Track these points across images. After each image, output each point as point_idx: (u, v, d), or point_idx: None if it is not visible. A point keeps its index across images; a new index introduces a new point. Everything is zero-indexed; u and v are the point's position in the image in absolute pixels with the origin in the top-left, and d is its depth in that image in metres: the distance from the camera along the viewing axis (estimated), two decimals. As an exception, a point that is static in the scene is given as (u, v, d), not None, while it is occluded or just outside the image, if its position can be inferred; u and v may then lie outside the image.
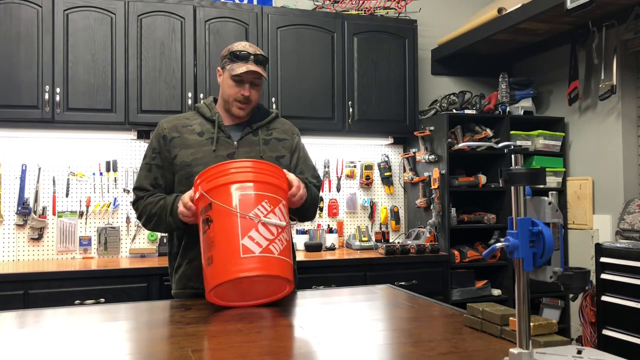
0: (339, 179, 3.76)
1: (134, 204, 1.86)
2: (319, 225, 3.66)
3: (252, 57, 1.80)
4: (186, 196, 1.63)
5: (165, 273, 2.07)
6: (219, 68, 1.90)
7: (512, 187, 1.00)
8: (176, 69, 3.12)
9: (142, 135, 3.28)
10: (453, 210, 3.47)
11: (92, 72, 3.00)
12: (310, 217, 1.94)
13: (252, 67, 1.79)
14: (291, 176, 1.68)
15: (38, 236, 3.15)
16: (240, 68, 1.79)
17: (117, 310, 1.62)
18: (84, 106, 2.98)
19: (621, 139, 3.29)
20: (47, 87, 2.92)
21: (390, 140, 3.78)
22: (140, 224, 3.24)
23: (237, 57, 1.81)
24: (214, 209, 1.50)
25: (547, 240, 0.97)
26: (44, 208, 3.18)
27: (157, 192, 1.83)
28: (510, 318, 1.21)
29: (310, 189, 1.84)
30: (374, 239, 3.65)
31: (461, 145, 2.38)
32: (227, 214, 1.48)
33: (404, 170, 3.86)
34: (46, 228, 3.19)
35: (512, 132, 3.57)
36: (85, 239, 3.23)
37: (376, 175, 3.85)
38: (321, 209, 3.68)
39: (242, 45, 1.84)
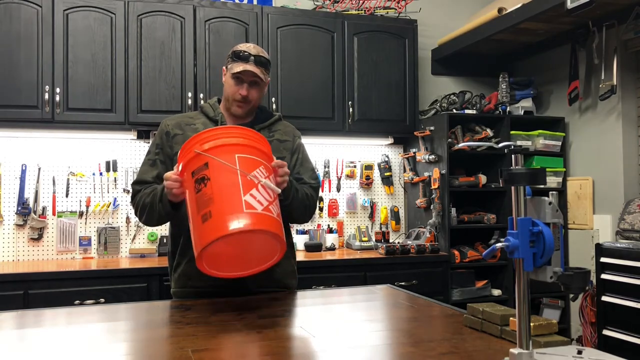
0: (339, 179, 3.76)
1: (133, 198, 1.83)
2: (319, 225, 3.66)
3: (252, 57, 1.81)
4: (170, 172, 1.59)
5: (165, 273, 2.07)
6: (223, 67, 1.91)
7: (512, 187, 1.00)
8: (176, 69, 3.12)
9: (142, 135, 3.28)
10: (453, 210, 3.47)
11: (92, 72, 3.00)
12: (299, 217, 1.87)
13: (249, 67, 1.80)
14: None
15: (38, 236, 3.15)
16: (239, 67, 1.80)
17: (116, 310, 1.62)
18: (84, 106, 2.98)
19: (621, 139, 3.28)
20: (47, 87, 2.92)
21: (391, 140, 3.78)
22: (139, 223, 3.27)
23: (238, 57, 1.82)
24: (212, 167, 1.44)
25: (547, 240, 0.97)
26: (43, 208, 3.18)
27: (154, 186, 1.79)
28: (511, 318, 1.21)
29: (300, 188, 1.81)
30: (374, 239, 3.65)
31: (461, 145, 2.39)
32: (227, 171, 1.44)
33: (404, 170, 3.86)
34: (46, 228, 3.19)
35: (512, 132, 3.57)
36: (85, 239, 3.23)
37: (376, 175, 3.84)
38: (321, 209, 3.68)
39: (245, 46, 1.85)
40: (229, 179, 1.43)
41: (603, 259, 2.83)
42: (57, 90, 2.93)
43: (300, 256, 3.22)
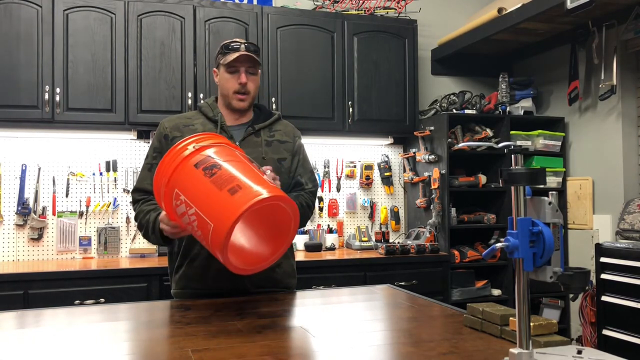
0: (339, 179, 3.76)
1: (133, 205, 1.84)
2: (319, 225, 3.66)
3: (243, 46, 1.82)
4: (164, 216, 1.56)
5: (165, 273, 2.07)
6: (214, 69, 1.90)
7: (512, 187, 1.00)
8: (176, 69, 3.12)
9: (142, 135, 3.28)
10: (453, 210, 3.47)
11: (92, 72, 3.00)
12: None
13: (244, 52, 1.80)
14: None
15: (38, 236, 3.15)
16: (233, 55, 1.80)
17: (117, 310, 1.62)
18: (84, 106, 2.98)
19: (621, 139, 3.29)
20: (47, 87, 2.92)
21: (390, 140, 3.78)
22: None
23: (229, 48, 1.83)
24: (218, 156, 1.45)
25: (547, 240, 0.97)
26: (43, 208, 3.18)
27: (151, 197, 1.76)
28: (510, 318, 1.21)
29: (296, 199, 1.79)
30: (374, 239, 3.65)
31: (461, 145, 2.39)
32: (232, 157, 1.45)
33: (404, 170, 3.86)
34: (46, 228, 3.19)
35: (512, 132, 3.57)
36: (85, 239, 3.23)
37: (376, 175, 3.85)
38: (321, 209, 3.68)
39: (232, 39, 1.86)
40: (241, 163, 1.45)
41: (603, 259, 2.84)
42: (57, 90, 2.93)
43: (300, 256, 3.22)
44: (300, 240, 3.46)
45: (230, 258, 1.36)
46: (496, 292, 3.53)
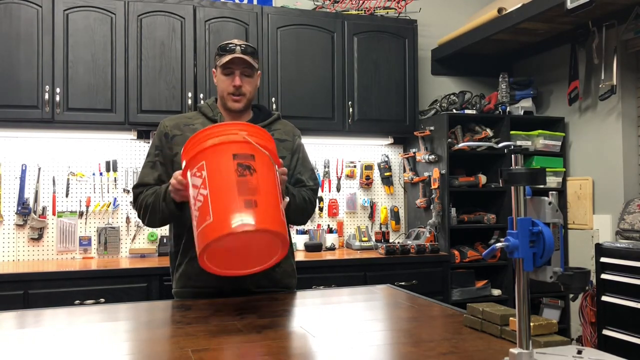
0: (339, 179, 3.76)
1: (135, 201, 1.82)
2: (319, 225, 3.66)
3: (238, 47, 1.82)
4: (178, 172, 1.58)
5: (165, 273, 2.08)
6: (213, 69, 1.91)
7: (512, 187, 1.00)
8: (176, 69, 3.12)
9: (142, 135, 3.28)
10: (453, 210, 3.47)
11: (92, 72, 3.00)
12: (296, 220, 1.88)
13: (238, 54, 1.80)
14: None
15: (38, 236, 3.15)
16: (227, 57, 1.80)
17: (117, 310, 1.62)
18: (84, 106, 2.98)
19: (621, 139, 3.28)
20: (47, 87, 2.92)
21: (390, 140, 3.78)
22: (140, 223, 3.27)
23: (225, 50, 1.83)
24: (258, 160, 1.45)
25: (547, 240, 0.97)
26: (44, 208, 3.18)
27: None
28: (510, 318, 1.21)
29: (298, 192, 1.81)
30: (374, 239, 3.65)
31: (461, 145, 2.39)
32: (269, 168, 1.48)
33: (404, 170, 3.86)
34: (46, 228, 3.19)
35: (512, 132, 3.57)
36: (85, 239, 3.23)
37: (376, 175, 3.84)
38: (321, 209, 3.68)
39: (229, 41, 1.86)
40: (270, 176, 1.47)
41: (603, 259, 2.83)
42: (57, 90, 2.93)
43: (300, 256, 3.22)
44: (300, 240, 3.46)
45: (206, 257, 1.40)
46: (496, 292, 3.53)
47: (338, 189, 3.76)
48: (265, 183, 1.43)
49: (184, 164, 1.53)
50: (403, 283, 3.09)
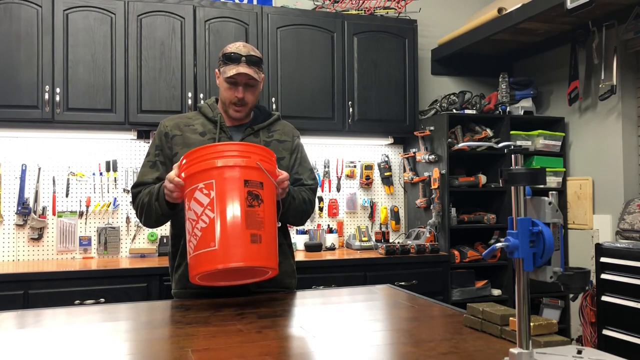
0: (339, 179, 3.76)
1: (134, 200, 1.82)
2: (319, 225, 3.66)
3: (243, 58, 1.78)
4: (172, 173, 1.58)
5: (165, 273, 2.08)
6: (216, 70, 1.90)
7: (512, 187, 1.00)
8: (176, 69, 3.12)
9: (142, 135, 3.28)
10: (453, 210, 3.47)
11: (92, 72, 3.00)
12: (295, 221, 1.89)
13: (242, 69, 1.77)
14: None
15: (38, 236, 3.15)
16: (232, 70, 1.77)
17: (116, 310, 1.62)
18: (84, 106, 2.98)
19: (621, 139, 3.28)
20: (47, 87, 2.92)
21: (390, 140, 3.78)
22: (139, 223, 3.27)
23: (229, 59, 1.79)
24: (267, 188, 1.52)
25: (547, 240, 0.97)
26: (44, 208, 3.18)
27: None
28: (510, 318, 1.21)
29: (298, 193, 1.81)
30: (374, 239, 3.65)
31: (461, 145, 2.38)
32: (272, 202, 1.55)
33: (404, 170, 3.86)
34: (46, 228, 3.19)
35: (512, 132, 3.57)
36: (85, 239, 3.23)
37: (376, 175, 3.85)
38: (321, 209, 3.68)
39: (235, 47, 1.82)
40: (273, 210, 1.55)
41: (603, 259, 2.83)
42: (57, 90, 2.93)
43: (300, 256, 3.22)
44: (300, 240, 3.46)
45: (199, 277, 1.50)
46: (496, 292, 3.53)
47: (338, 189, 3.76)
48: (269, 214, 1.52)
49: (183, 161, 1.55)
50: (403, 283, 3.09)
